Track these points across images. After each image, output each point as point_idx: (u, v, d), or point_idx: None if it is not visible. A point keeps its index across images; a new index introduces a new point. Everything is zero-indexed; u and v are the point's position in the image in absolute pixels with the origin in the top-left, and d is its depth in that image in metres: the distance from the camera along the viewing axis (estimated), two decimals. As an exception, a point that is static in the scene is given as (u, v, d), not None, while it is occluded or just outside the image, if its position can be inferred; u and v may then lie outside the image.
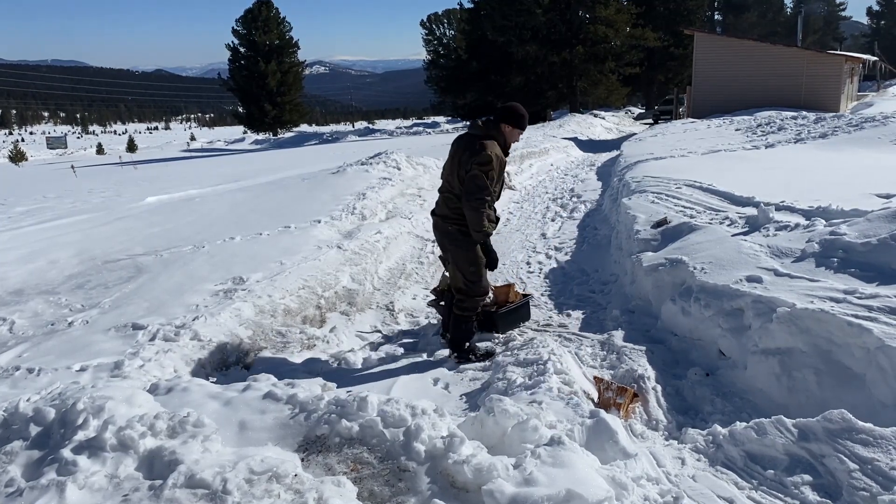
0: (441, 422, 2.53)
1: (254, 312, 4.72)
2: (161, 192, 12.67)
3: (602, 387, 3.47)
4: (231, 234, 7.06)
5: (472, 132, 4.02)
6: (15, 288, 5.63)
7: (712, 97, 25.28)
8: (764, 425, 2.59)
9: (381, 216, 8.40)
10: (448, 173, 4.10)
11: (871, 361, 2.86)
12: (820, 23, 60.83)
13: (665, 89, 46.30)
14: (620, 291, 5.35)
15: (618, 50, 36.80)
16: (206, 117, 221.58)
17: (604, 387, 3.46)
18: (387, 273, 6.44)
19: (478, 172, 3.82)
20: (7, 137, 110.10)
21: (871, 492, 2.17)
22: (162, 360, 3.86)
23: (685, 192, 6.85)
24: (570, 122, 28.21)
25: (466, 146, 3.93)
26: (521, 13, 34.81)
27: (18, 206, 12.32)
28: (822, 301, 3.27)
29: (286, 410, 2.64)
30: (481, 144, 3.86)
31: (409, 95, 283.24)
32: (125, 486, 2.16)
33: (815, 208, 4.97)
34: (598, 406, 3.30)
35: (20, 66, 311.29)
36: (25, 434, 2.49)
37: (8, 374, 3.75)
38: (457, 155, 4.00)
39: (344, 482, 2.20)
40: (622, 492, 2.19)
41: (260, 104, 49.70)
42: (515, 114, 4.04)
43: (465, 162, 3.88)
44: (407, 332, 5.01)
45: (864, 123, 12.00)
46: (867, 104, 25.02)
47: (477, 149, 3.84)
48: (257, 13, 48.91)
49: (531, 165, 14.74)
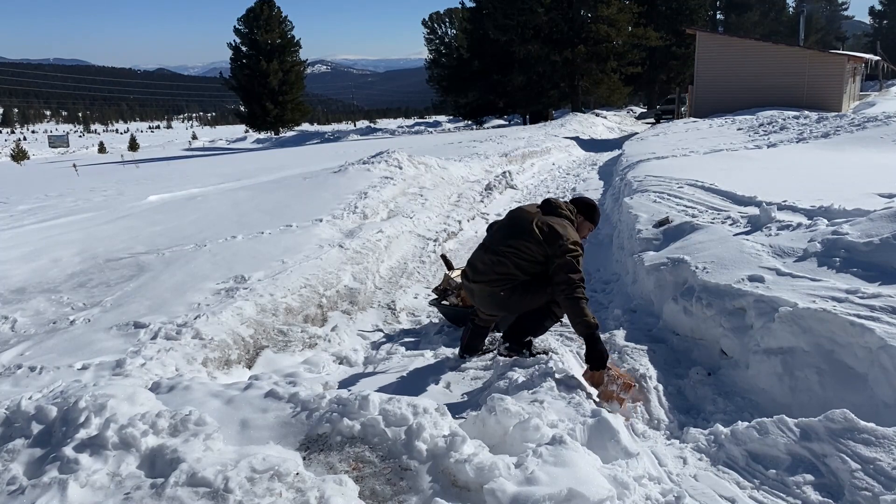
0: (443, 421, 2.53)
1: (255, 311, 4.72)
2: (163, 191, 12.68)
3: (607, 377, 3.29)
4: (233, 232, 7.06)
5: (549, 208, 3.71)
6: (17, 286, 5.64)
7: (714, 96, 25.27)
8: (766, 425, 2.59)
9: (382, 215, 8.40)
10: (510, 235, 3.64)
11: (873, 361, 2.86)
12: (822, 22, 60.73)
13: (667, 89, 46.27)
14: (622, 291, 5.35)
15: (620, 49, 36.79)
16: (207, 116, 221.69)
17: (609, 378, 3.28)
18: (388, 272, 6.45)
19: (576, 256, 3.42)
20: (9, 136, 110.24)
21: (873, 492, 2.17)
22: (164, 359, 3.87)
23: (687, 192, 6.84)
24: (572, 122, 28.20)
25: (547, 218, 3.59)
26: (523, 12, 34.80)
27: (20, 204, 12.34)
28: (825, 301, 3.27)
29: (288, 409, 2.64)
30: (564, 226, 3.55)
31: (411, 94, 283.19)
32: (127, 484, 2.16)
33: (818, 208, 4.96)
34: (599, 397, 3.28)
35: (23, 65, 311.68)
36: (27, 432, 2.49)
37: (10, 373, 3.75)
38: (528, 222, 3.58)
39: (345, 481, 2.20)
40: (624, 491, 2.19)
41: (262, 103, 49.73)
42: (594, 208, 3.87)
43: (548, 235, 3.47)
44: (408, 331, 5.01)
45: (866, 123, 11.98)
46: (869, 104, 24.99)
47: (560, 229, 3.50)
48: (259, 12, 48.94)
49: (533, 165, 14.74)
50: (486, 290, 3.66)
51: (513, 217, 3.78)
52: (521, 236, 3.57)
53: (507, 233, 3.69)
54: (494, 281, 3.62)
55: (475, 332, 4.10)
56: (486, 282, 3.65)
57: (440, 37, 53.48)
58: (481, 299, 3.76)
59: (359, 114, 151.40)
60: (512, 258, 3.58)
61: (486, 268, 3.66)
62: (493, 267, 3.62)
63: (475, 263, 3.77)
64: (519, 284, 3.60)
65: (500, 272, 3.60)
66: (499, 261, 3.61)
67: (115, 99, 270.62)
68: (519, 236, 3.59)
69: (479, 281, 3.70)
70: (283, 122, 52.59)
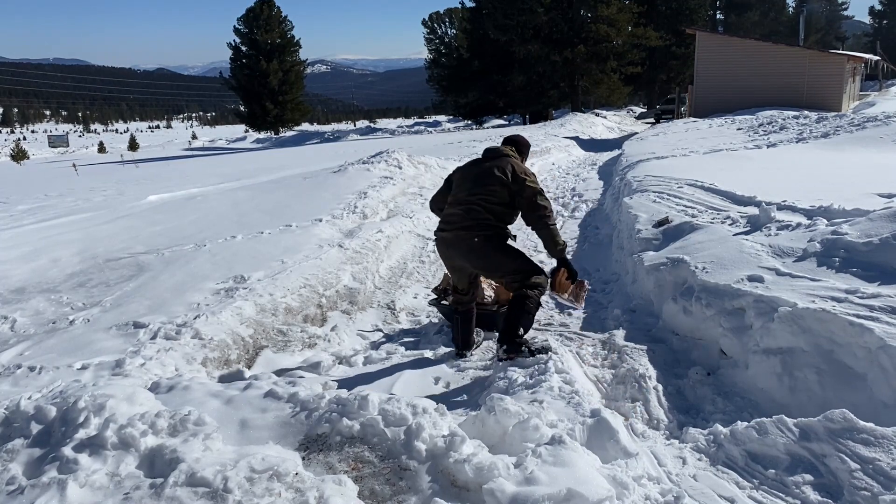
0: (442, 420, 2.53)
1: (255, 311, 4.72)
2: (163, 191, 12.68)
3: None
4: (232, 232, 7.06)
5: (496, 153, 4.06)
6: (16, 286, 5.64)
7: (714, 96, 25.27)
8: (765, 425, 2.59)
9: (382, 215, 8.41)
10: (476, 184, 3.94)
11: (872, 361, 2.86)
12: (822, 22, 60.73)
13: (667, 88, 46.27)
14: (622, 291, 5.35)
15: (619, 49, 36.76)
16: (207, 116, 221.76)
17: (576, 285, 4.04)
18: (388, 272, 6.45)
19: (539, 188, 3.87)
20: (9, 136, 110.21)
21: (872, 492, 2.17)
22: (163, 359, 3.87)
23: (687, 192, 6.84)
24: (572, 122, 28.19)
25: (501, 163, 3.93)
26: (523, 12, 34.78)
27: (20, 204, 12.34)
28: (824, 300, 3.27)
29: (287, 409, 2.64)
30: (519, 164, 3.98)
31: (411, 94, 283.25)
32: (126, 484, 2.16)
33: (817, 208, 4.96)
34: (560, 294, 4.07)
35: (22, 65, 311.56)
36: (26, 432, 2.49)
37: (9, 373, 3.75)
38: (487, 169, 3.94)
39: (345, 481, 2.20)
40: (623, 491, 2.19)
41: (261, 103, 49.73)
42: (525, 144, 4.29)
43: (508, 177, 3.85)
44: (408, 331, 5.01)
45: (865, 123, 11.98)
46: (869, 104, 25.01)
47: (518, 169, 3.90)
48: (259, 12, 48.94)
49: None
50: (462, 234, 3.87)
51: (470, 171, 4.08)
52: (488, 183, 3.89)
53: (474, 182, 3.96)
54: (470, 227, 3.85)
55: (464, 322, 4.21)
56: (461, 227, 3.88)
57: (440, 37, 53.46)
58: (456, 247, 3.95)
59: (358, 114, 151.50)
60: (483, 203, 3.86)
61: (459, 217, 3.90)
62: (467, 214, 3.88)
63: (448, 218, 4.01)
64: (493, 235, 3.87)
65: (474, 218, 3.85)
66: (471, 209, 3.87)
67: (115, 99, 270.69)
68: (486, 183, 3.89)
69: (453, 228, 3.92)
70: (283, 121, 52.59)
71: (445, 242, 4.00)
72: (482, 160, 4.08)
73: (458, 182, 4.09)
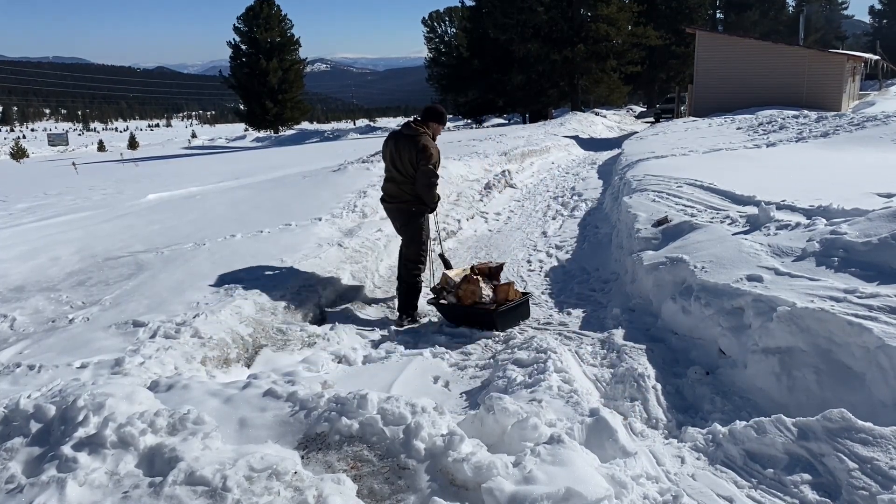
0: (441, 420, 2.53)
1: (254, 310, 4.73)
2: (162, 190, 12.68)
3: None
4: (232, 231, 7.06)
5: (409, 132, 5.04)
6: (16, 285, 5.64)
7: (714, 96, 25.26)
8: (764, 424, 2.59)
9: (381, 214, 8.39)
10: (399, 165, 5.06)
11: (871, 361, 2.86)
12: (822, 21, 60.68)
13: (666, 88, 46.26)
14: (621, 290, 5.36)
15: (619, 48, 36.73)
16: (207, 115, 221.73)
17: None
18: (387, 271, 6.45)
19: (430, 168, 4.97)
20: (9, 134, 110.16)
21: (870, 491, 2.17)
22: (162, 358, 3.87)
23: (686, 191, 6.84)
24: (572, 121, 28.17)
25: (412, 146, 4.97)
26: (523, 11, 34.76)
27: (20, 202, 12.34)
28: (823, 300, 3.27)
29: (286, 408, 2.65)
30: (423, 146, 4.95)
31: (411, 93, 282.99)
32: (125, 482, 2.16)
33: (816, 207, 4.97)
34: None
35: (22, 63, 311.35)
36: (26, 431, 2.49)
37: (9, 371, 3.75)
38: (403, 151, 5.02)
39: (344, 480, 2.21)
40: (622, 490, 2.19)
41: (261, 102, 49.69)
42: (439, 113, 5.25)
43: (415, 158, 4.96)
44: (407, 331, 5.01)
45: (865, 122, 11.99)
46: (869, 103, 25.03)
47: (421, 148, 4.94)
48: (258, 11, 48.88)
49: (532, 164, 14.73)
50: (403, 207, 5.17)
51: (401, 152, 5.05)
52: (404, 166, 5.05)
53: (392, 163, 5.12)
54: (409, 201, 5.13)
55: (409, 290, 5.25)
56: (402, 201, 5.16)
57: (440, 36, 53.41)
58: (398, 215, 5.27)
59: (358, 112, 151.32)
60: (411, 180, 5.06)
61: (399, 192, 5.15)
62: (403, 189, 5.11)
63: (389, 192, 5.24)
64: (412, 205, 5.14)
65: (409, 192, 5.10)
66: (405, 182, 5.09)
67: (115, 97, 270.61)
68: (403, 166, 5.05)
69: (395, 201, 5.21)
70: (283, 120, 52.54)
71: (391, 212, 5.34)
72: (400, 137, 5.10)
73: (387, 160, 5.22)
